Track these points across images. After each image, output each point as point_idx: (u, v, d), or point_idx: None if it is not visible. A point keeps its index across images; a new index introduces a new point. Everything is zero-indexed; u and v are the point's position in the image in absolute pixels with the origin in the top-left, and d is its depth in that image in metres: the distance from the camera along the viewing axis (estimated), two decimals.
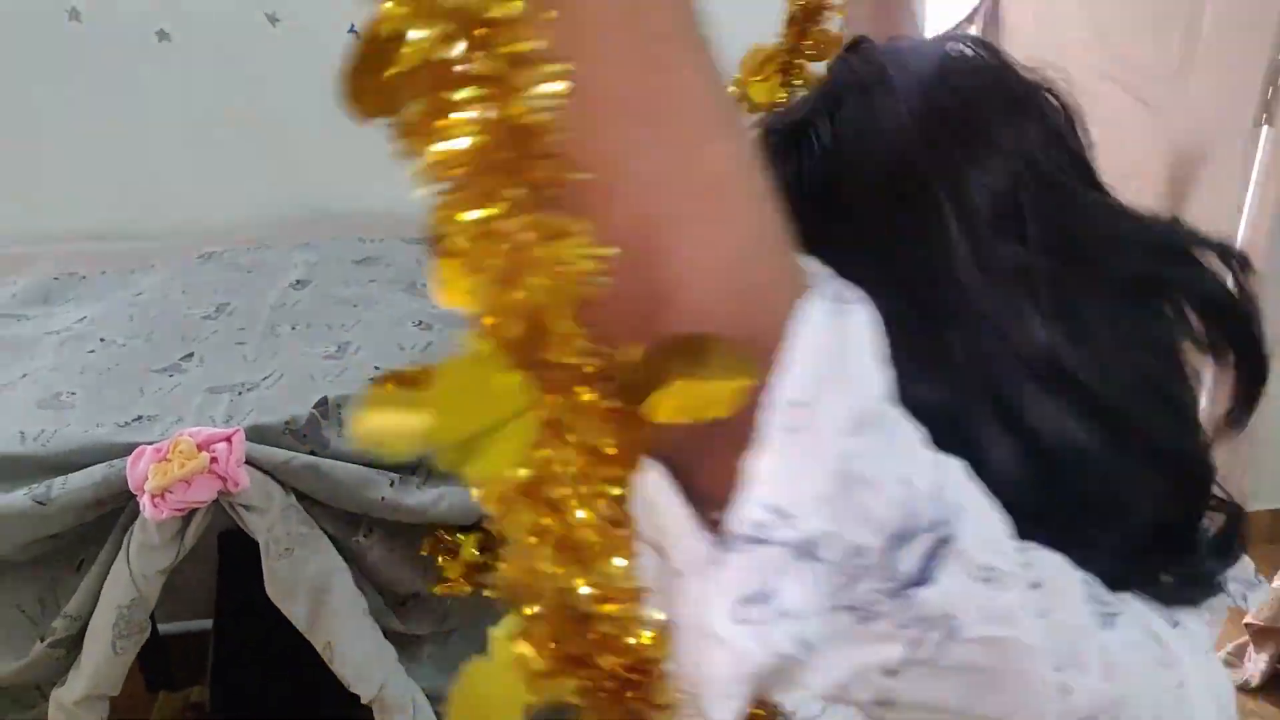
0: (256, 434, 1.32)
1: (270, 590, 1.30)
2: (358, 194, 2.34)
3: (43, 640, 1.31)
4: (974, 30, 2.66)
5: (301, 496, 1.32)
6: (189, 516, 1.28)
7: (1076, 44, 2.40)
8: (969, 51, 0.51)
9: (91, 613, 1.30)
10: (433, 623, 1.45)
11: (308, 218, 2.32)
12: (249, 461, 1.28)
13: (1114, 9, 2.35)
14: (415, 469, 1.37)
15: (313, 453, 1.34)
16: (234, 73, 2.20)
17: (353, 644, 1.35)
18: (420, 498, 1.33)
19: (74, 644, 1.31)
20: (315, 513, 1.33)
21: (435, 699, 1.44)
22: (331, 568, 1.33)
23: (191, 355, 1.58)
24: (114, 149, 2.23)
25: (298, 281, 1.92)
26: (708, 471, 0.33)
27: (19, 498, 1.25)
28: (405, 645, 1.45)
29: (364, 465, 1.34)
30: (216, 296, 1.85)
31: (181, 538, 1.28)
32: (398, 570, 1.39)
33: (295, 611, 1.32)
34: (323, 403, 1.38)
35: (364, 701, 1.38)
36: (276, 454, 1.30)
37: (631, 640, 0.33)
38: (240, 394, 1.44)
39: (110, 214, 2.26)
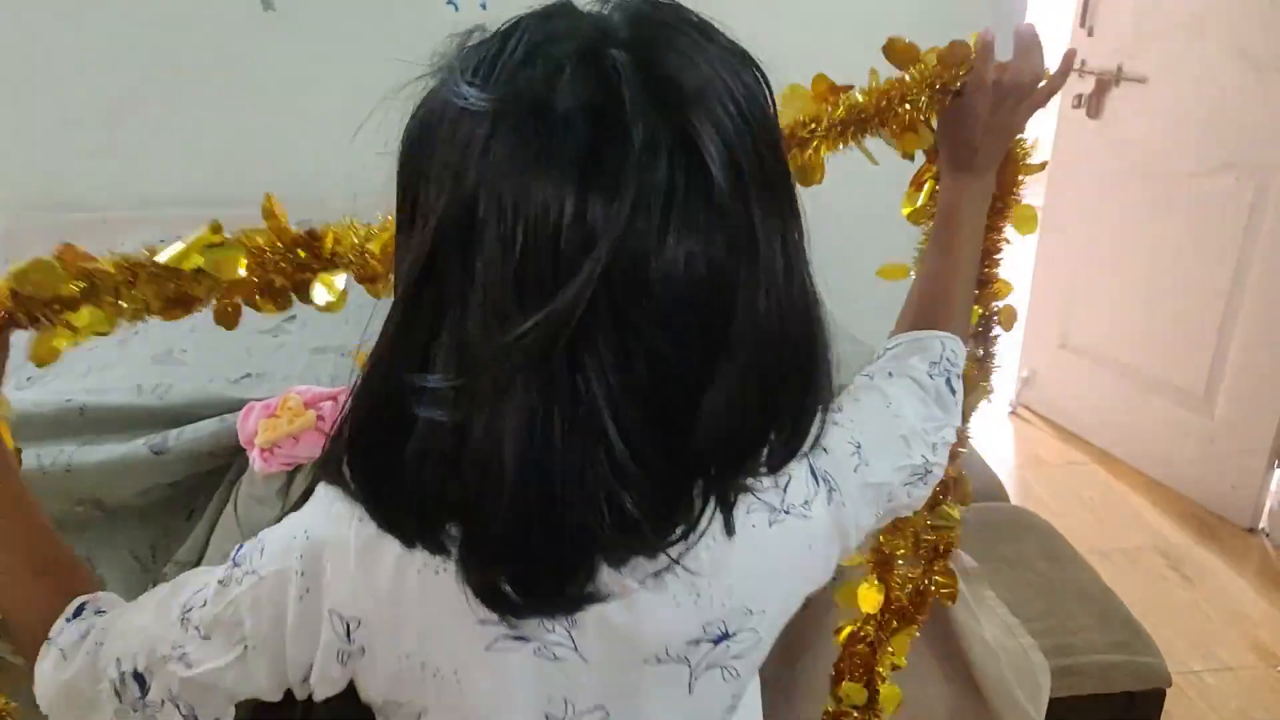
0: None
1: None
2: None
3: (154, 585, 1.37)
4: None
5: None
6: (293, 472, 1.32)
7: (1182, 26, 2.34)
8: None
9: (200, 560, 1.35)
10: None
11: None
12: None
13: None
14: None
15: None
16: (337, 42, 2.25)
17: None
18: None
19: None
20: None
21: None
22: None
23: (294, 318, 1.63)
24: (218, 117, 2.29)
25: None
26: None
27: (138, 447, 1.31)
28: None
29: None
30: None
31: (286, 492, 1.33)
32: None
33: None
34: None
35: None
36: None
37: None
38: (343, 355, 1.48)
39: (212, 180, 2.33)
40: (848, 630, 1.10)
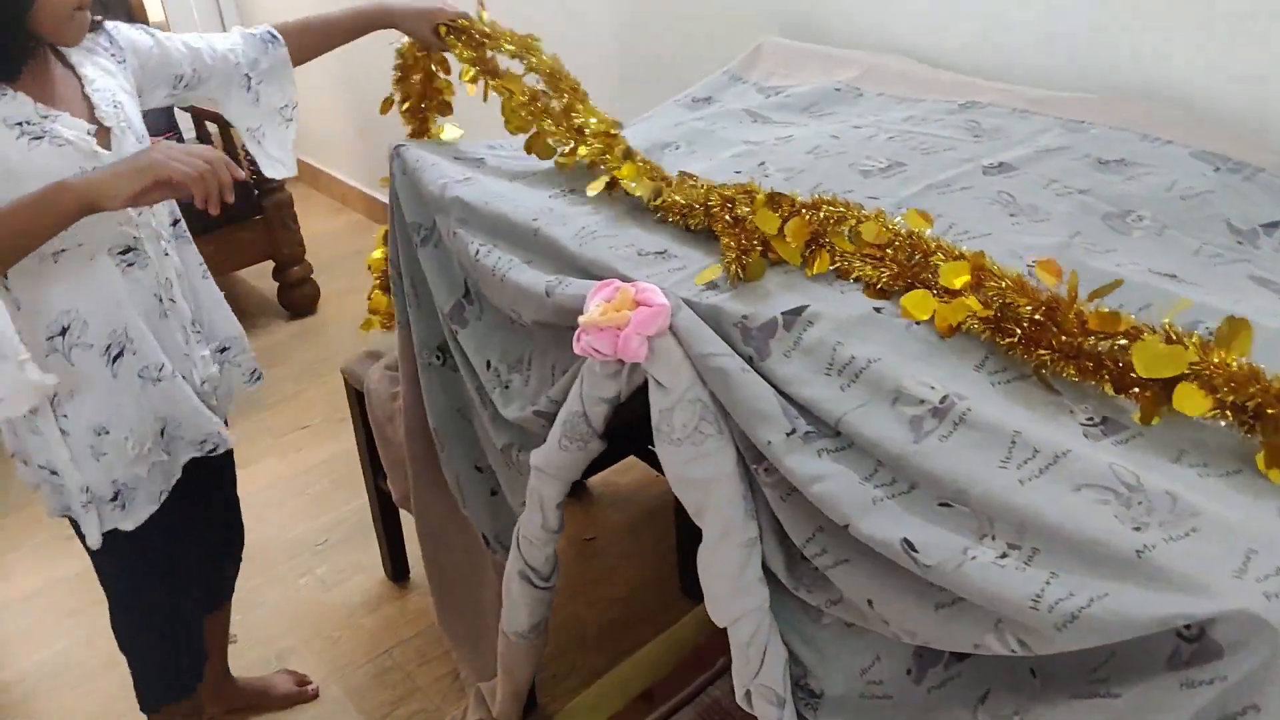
0: (712, 314, 1.21)
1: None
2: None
3: (534, 408, 1.47)
4: None
5: None
6: (630, 367, 1.26)
7: None
8: None
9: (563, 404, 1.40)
10: (823, 596, 1.20)
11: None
12: (680, 339, 1.19)
13: None
14: (831, 433, 1.11)
15: (750, 359, 1.17)
16: None
17: (718, 569, 1.22)
18: (804, 465, 1.08)
19: (550, 421, 1.43)
20: (733, 423, 1.19)
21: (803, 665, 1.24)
22: (720, 482, 1.19)
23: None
24: None
25: (999, 164, 1.59)
26: None
27: (540, 280, 1.37)
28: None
29: (781, 397, 1.13)
30: (909, 152, 1.65)
31: (617, 379, 1.28)
32: (788, 521, 1.17)
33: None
34: (795, 311, 1.18)
35: (717, 625, 1.26)
36: (705, 343, 1.17)
37: None
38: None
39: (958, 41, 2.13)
40: None
